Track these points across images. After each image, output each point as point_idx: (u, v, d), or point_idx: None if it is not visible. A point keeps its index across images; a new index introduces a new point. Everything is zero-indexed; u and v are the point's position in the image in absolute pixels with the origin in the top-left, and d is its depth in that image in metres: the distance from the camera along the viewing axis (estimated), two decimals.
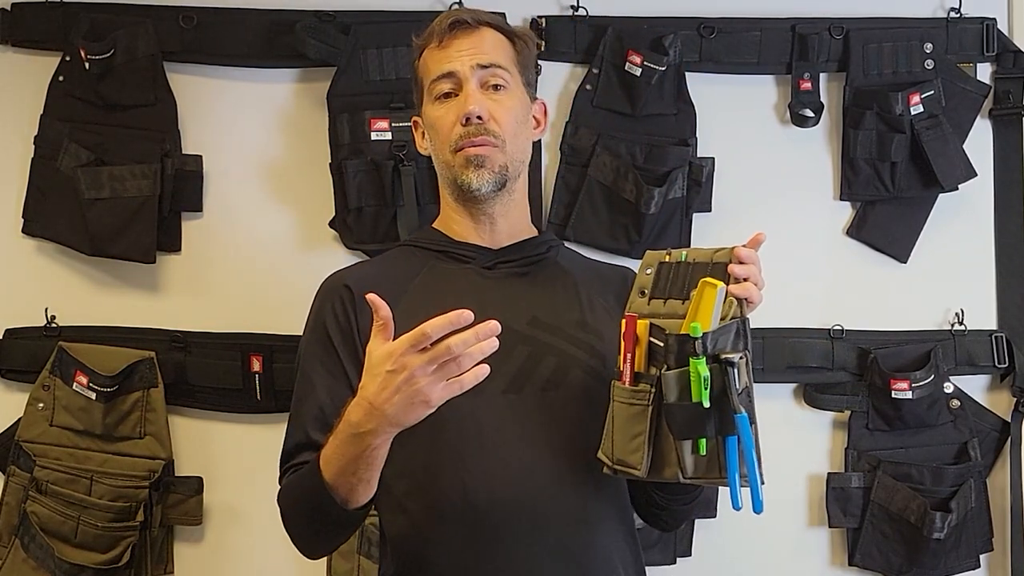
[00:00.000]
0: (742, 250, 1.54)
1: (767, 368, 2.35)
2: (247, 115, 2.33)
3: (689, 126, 2.37)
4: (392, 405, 1.45)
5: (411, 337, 1.42)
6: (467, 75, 1.72)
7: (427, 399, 1.44)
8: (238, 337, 2.29)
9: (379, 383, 1.45)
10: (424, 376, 1.43)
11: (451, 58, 1.74)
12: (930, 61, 2.41)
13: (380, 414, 1.46)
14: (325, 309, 1.72)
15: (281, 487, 1.70)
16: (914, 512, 2.33)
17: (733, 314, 1.50)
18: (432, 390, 1.44)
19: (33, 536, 2.19)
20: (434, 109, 1.76)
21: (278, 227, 2.33)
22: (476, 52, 1.74)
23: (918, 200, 2.43)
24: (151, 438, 2.25)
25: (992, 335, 2.42)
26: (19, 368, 2.27)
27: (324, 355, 1.70)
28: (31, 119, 2.28)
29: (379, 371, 1.45)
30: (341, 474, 1.55)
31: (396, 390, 1.44)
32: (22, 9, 2.28)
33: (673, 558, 2.35)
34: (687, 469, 1.51)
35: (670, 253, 1.61)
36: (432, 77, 1.75)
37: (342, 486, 1.56)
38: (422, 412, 1.46)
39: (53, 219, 2.27)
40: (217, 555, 2.32)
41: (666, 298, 1.57)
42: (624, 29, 2.36)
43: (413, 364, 1.42)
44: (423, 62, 1.79)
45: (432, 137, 1.77)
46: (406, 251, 1.82)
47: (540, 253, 1.80)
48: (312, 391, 1.70)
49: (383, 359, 1.45)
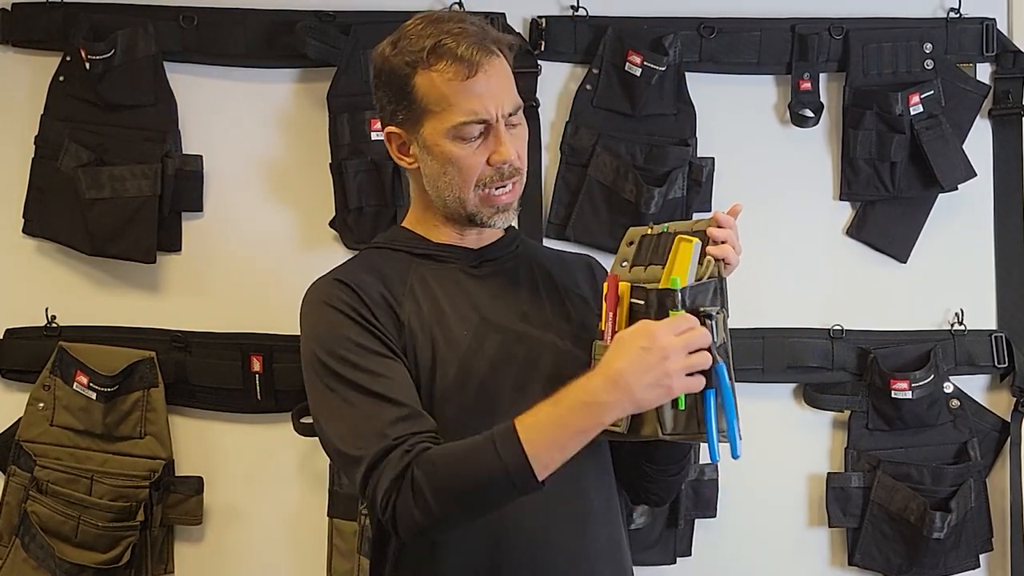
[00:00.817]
0: (721, 215, 1.59)
1: (767, 368, 2.36)
2: (247, 115, 2.33)
3: (689, 126, 2.37)
4: (640, 383, 1.45)
5: (673, 321, 1.47)
6: (500, 120, 1.66)
7: (671, 385, 1.46)
8: (238, 337, 2.29)
9: (631, 358, 1.46)
10: (677, 361, 1.45)
11: (483, 101, 1.64)
12: (930, 61, 2.41)
13: (626, 390, 1.46)
14: (337, 303, 1.65)
15: (425, 454, 1.52)
16: (914, 512, 2.33)
17: (711, 273, 1.55)
18: (677, 377, 1.45)
19: (33, 536, 2.19)
20: (455, 147, 1.66)
21: (278, 227, 2.33)
22: (503, 93, 1.66)
23: (918, 200, 2.43)
24: (151, 438, 2.25)
25: (992, 335, 2.42)
26: (19, 368, 2.27)
27: (363, 340, 1.62)
28: (31, 119, 2.28)
29: (632, 346, 1.46)
30: (550, 445, 1.49)
31: (649, 368, 1.45)
32: (22, 9, 2.28)
33: (673, 558, 2.35)
34: (666, 425, 1.52)
35: (652, 227, 1.65)
36: (461, 119, 1.64)
37: (544, 457, 1.49)
38: (662, 398, 1.47)
39: (53, 219, 2.27)
40: (217, 555, 2.32)
41: (647, 265, 1.61)
42: (624, 29, 2.36)
43: (672, 346, 1.45)
44: (430, 85, 1.65)
45: (446, 171, 1.68)
46: (384, 253, 1.77)
47: (513, 250, 1.80)
48: (372, 374, 1.59)
49: (640, 335, 1.47)
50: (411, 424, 1.56)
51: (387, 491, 1.53)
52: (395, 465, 1.52)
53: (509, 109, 1.67)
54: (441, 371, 1.64)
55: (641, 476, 1.77)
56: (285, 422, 2.24)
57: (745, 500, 2.37)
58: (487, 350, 1.66)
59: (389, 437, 1.54)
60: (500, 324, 1.68)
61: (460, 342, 1.66)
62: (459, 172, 1.68)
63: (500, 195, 1.69)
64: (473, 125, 1.65)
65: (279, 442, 2.30)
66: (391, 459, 1.53)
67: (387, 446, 1.53)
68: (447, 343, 1.65)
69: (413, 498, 1.51)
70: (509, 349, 1.63)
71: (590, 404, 1.47)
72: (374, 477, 1.54)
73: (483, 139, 1.67)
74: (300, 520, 2.31)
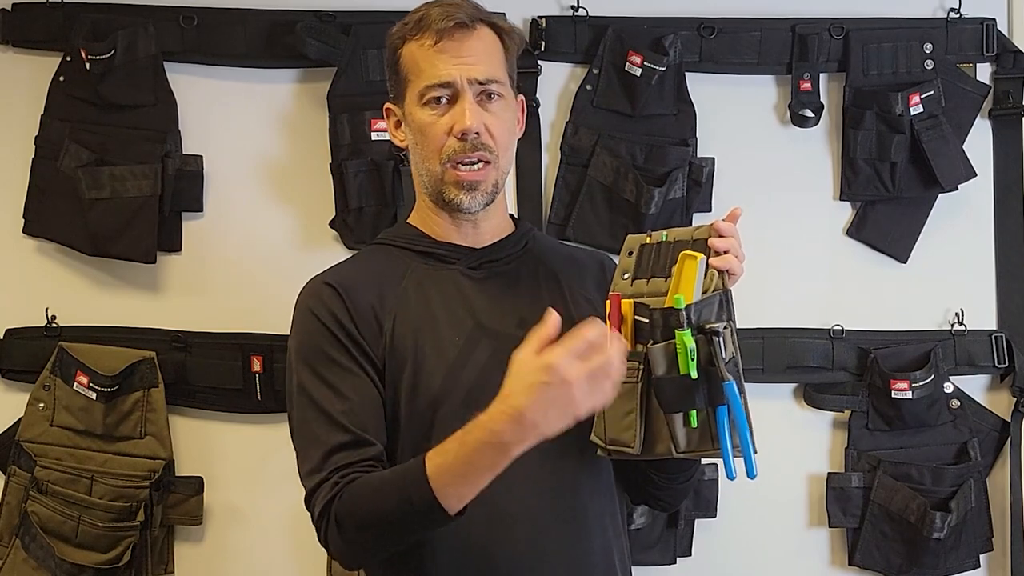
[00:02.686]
0: (721, 223, 1.56)
1: (767, 368, 2.36)
2: (247, 115, 2.33)
3: (689, 126, 2.38)
4: (545, 417, 1.42)
5: (570, 348, 1.41)
6: (464, 87, 1.65)
7: (576, 413, 1.43)
8: (238, 337, 2.30)
9: (532, 395, 1.41)
10: (581, 388, 1.41)
11: (448, 65, 1.65)
12: (930, 61, 2.41)
13: (531, 426, 1.42)
14: (321, 312, 1.66)
15: (349, 487, 1.56)
16: (914, 512, 2.34)
17: (715, 286, 1.52)
18: (584, 401, 1.42)
19: (34, 536, 2.19)
20: (423, 113, 1.67)
21: (278, 227, 2.33)
22: (474, 61, 1.66)
23: (918, 200, 2.43)
24: (151, 438, 2.25)
25: (992, 335, 2.42)
26: (20, 368, 2.27)
27: (336, 354, 1.64)
28: (32, 119, 2.28)
29: (531, 381, 1.42)
30: (459, 482, 1.48)
31: (551, 402, 1.41)
32: (22, 9, 2.29)
33: (673, 558, 2.35)
34: (679, 443, 1.52)
35: (651, 235, 1.63)
36: (426, 82, 1.66)
37: (453, 494, 1.49)
38: (569, 423, 1.44)
39: (54, 219, 2.27)
40: (217, 555, 2.32)
41: (649, 277, 1.60)
42: (624, 29, 2.36)
43: (573, 376, 1.40)
44: (410, 55, 1.69)
45: (418, 140, 1.70)
46: (384, 250, 1.77)
47: (521, 248, 1.78)
48: (335, 392, 1.62)
49: (538, 370, 1.42)
50: (349, 454, 1.59)
51: (316, 522, 1.61)
52: (324, 497, 1.58)
53: (479, 77, 1.66)
54: (427, 378, 1.64)
55: (648, 484, 1.77)
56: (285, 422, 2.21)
57: (745, 500, 2.37)
58: (478, 357, 1.65)
59: (325, 469, 1.59)
60: (495, 330, 1.67)
61: (449, 349, 1.65)
62: (425, 141, 1.68)
63: (466, 173, 1.67)
64: (438, 88, 1.66)
65: (279, 442, 2.28)
66: (321, 491, 1.59)
67: (321, 479, 1.59)
68: (435, 350, 1.65)
69: (336, 530, 1.57)
70: (501, 356, 1.62)
71: (495, 444, 1.45)
72: (311, 505, 1.62)
73: (449, 108, 1.67)
74: (300, 520, 2.28)
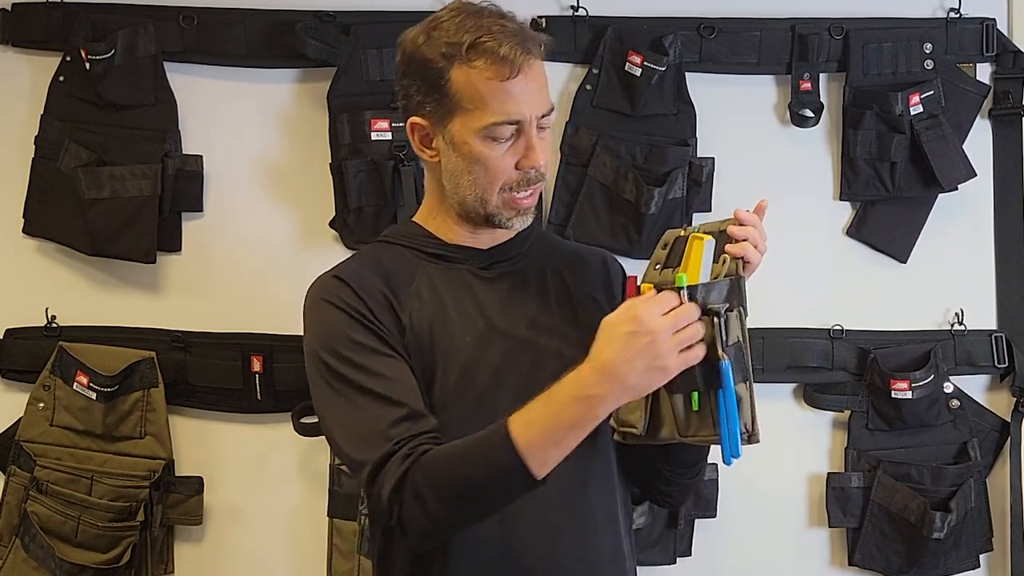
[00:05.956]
0: (742, 212, 1.57)
1: (767, 368, 2.36)
2: (247, 115, 2.33)
3: (689, 126, 2.38)
4: (633, 370, 1.43)
5: (656, 300, 1.44)
6: (532, 123, 1.63)
7: (666, 366, 1.43)
8: (238, 337, 2.30)
9: (619, 346, 1.43)
10: (667, 340, 1.43)
11: (519, 103, 1.61)
12: (930, 61, 2.41)
13: (618, 379, 1.44)
14: (336, 300, 1.63)
15: (424, 457, 1.51)
16: (914, 512, 2.34)
17: (729, 272, 1.52)
18: (672, 356, 1.43)
19: (33, 536, 2.19)
20: (484, 146, 1.63)
21: (278, 227, 2.33)
22: (539, 95, 1.63)
23: (918, 200, 2.43)
24: (151, 438, 2.25)
25: (992, 335, 2.42)
26: (19, 368, 2.27)
27: (362, 337, 1.60)
28: (32, 119, 2.28)
29: (618, 333, 1.44)
30: (545, 441, 1.47)
31: (639, 353, 1.42)
32: (22, 9, 2.29)
33: (673, 558, 2.35)
34: (682, 426, 1.52)
35: (685, 228, 1.64)
36: (494, 119, 1.61)
37: (539, 455, 1.46)
38: (659, 380, 1.45)
39: (54, 219, 2.27)
40: (217, 555, 2.32)
41: (674, 267, 1.59)
42: (624, 29, 2.36)
43: (660, 326, 1.42)
44: (467, 82, 1.61)
45: (471, 169, 1.65)
46: (391, 248, 1.75)
47: (526, 247, 1.78)
48: (370, 373, 1.58)
49: (625, 321, 1.44)
50: (411, 425, 1.55)
51: (390, 499, 1.52)
52: (395, 471, 1.51)
53: (543, 112, 1.65)
54: (441, 378, 1.63)
55: (658, 478, 1.77)
56: (285, 422, 2.24)
57: (745, 500, 2.37)
58: (491, 358, 1.64)
59: (390, 441, 1.53)
60: (506, 331, 1.66)
61: (463, 349, 1.64)
62: (486, 173, 1.65)
63: (522, 198, 1.67)
64: (506, 126, 1.62)
65: (279, 442, 2.30)
66: (392, 464, 1.52)
67: (388, 451, 1.53)
68: (449, 349, 1.64)
69: (416, 503, 1.50)
70: (513, 357, 1.62)
71: (582, 398, 1.45)
72: (377, 483, 1.53)
73: (513, 141, 1.64)
74: (300, 520, 2.32)
